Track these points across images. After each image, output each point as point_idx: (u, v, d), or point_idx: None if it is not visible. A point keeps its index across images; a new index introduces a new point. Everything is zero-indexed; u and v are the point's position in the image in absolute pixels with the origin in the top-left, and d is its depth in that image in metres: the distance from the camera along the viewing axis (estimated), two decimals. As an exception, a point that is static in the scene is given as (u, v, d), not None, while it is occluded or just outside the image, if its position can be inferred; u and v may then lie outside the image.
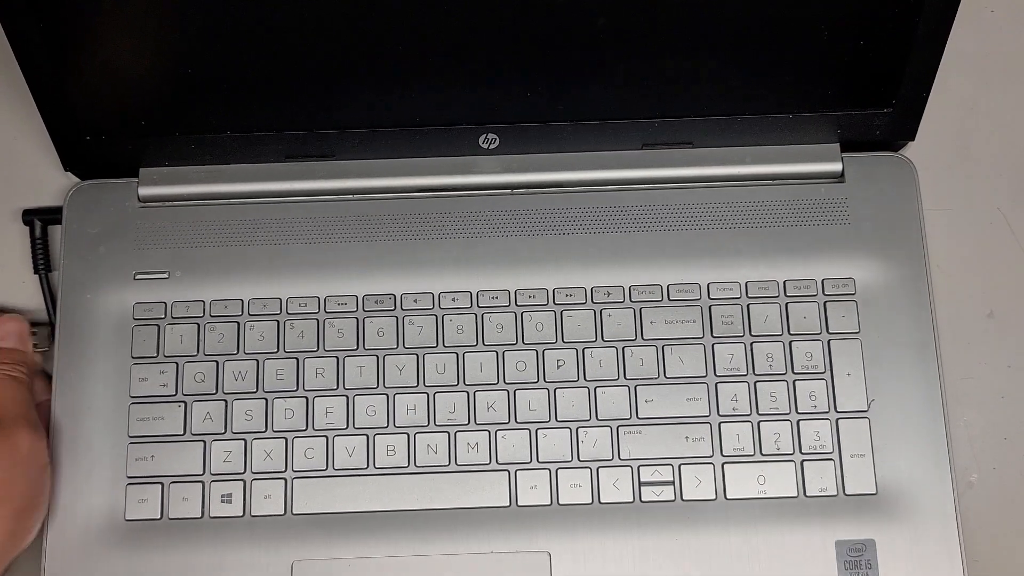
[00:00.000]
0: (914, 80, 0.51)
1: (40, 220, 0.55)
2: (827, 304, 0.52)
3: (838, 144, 0.54)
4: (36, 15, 0.47)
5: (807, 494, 0.50)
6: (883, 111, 0.52)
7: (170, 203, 0.54)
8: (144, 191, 0.54)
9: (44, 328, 0.54)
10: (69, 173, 0.54)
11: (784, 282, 0.52)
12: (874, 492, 0.50)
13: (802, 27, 0.49)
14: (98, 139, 0.52)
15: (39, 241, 0.54)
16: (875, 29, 0.49)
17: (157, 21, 0.48)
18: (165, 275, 0.53)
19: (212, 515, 0.50)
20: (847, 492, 0.50)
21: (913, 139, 0.53)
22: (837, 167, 0.54)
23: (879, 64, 0.50)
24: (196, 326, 0.52)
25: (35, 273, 0.54)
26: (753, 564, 0.49)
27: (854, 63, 0.50)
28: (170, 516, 0.50)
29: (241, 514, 0.50)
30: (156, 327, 0.52)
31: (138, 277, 0.53)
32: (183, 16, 0.48)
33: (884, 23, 0.49)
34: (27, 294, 0.55)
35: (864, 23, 0.49)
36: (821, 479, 0.50)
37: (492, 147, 0.53)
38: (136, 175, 0.54)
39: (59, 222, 0.54)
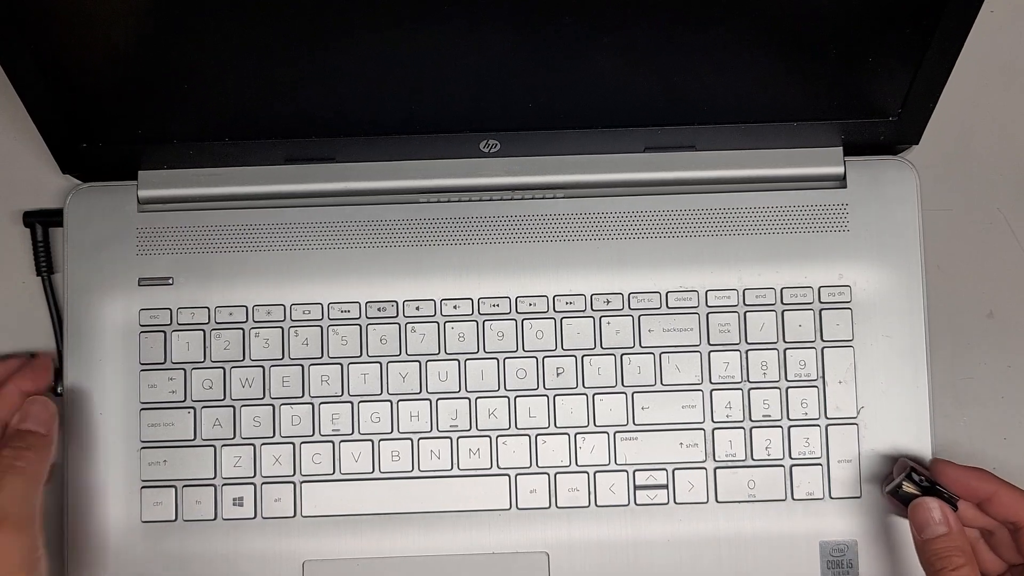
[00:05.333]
0: (922, 91, 0.53)
1: (41, 223, 0.58)
2: (823, 312, 0.56)
3: (841, 148, 0.57)
4: (27, 24, 0.49)
5: (794, 497, 0.55)
6: (889, 119, 0.55)
7: (170, 206, 0.57)
8: (143, 194, 0.57)
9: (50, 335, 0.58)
10: (69, 175, 0.56)
11: (781, 289, 0.56)
12: (859, 496, 0.55)
13: (811, 38, 0.51)
14: (94, 146, 0.54)
15: (41, 244, 0.57)
16: (885, 41, 0.51)
17: (151, 27, 0.50)
18: (169, 281, 0.56)
19: (225, 517, 0.55)
20: (833, 495, 0.55)
21: (917, 143, 0.56)
22: (839, 170, 0.57)
23: (888, 75, 0.52)
24: (202, 333, 0.56)
25: (38, 275, 0.58)
26: (741, 563, 0.55)
27: (862, 74, 0.52)
28: (185, 518, 0.55)
29: (253, 516, 0.55)
30: (162, 334, 0.56)
31: (142, 283, 0.56)
32: (178, 22, 0.49)
33: (895, 35, 0.51)
34: (29, 295, 0.58)
35: (874, 34, 0.51)
36: (808, 483, 0.55)
37: (493, 151, 0.56)
38: (135, 177, 0.57)
39: (60, 224, 0.57)
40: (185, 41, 0.50)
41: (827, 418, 0.55)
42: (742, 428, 0.55)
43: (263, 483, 0.55)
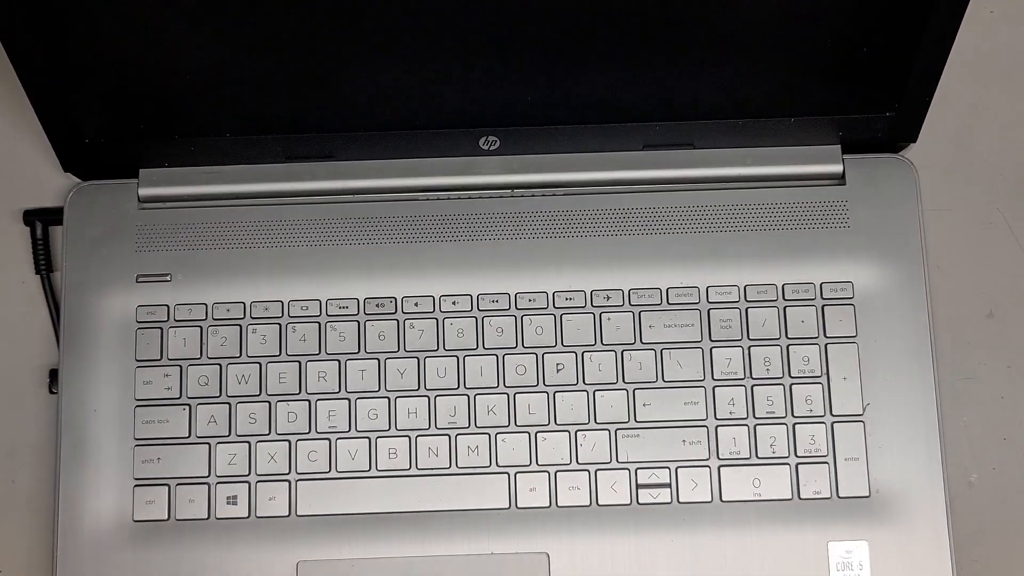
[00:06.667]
0: (918, 85, 0.53)
1: (41, 221, 0.58)
2: (825, 308, 0.55)
3: (839, 146, 0.57)
4: (31, 19, 0.49)
5: (801, 497, 0.54)
6: (886, 115, 0.55)
7: (170, 204, 0.57)
8: (144, 192, 0.57)
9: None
10: (69, 174, 0.56)
11: (783, 286, 0.56)
12: (867, 495, 0.54)
13: (807, 34, 0.51)
14: (96, 142, 0.55)
15: (40, 242, 0.57)
16: (880, 36, 0.52)
17: (153, 25, 0.50)
18: (167, 278, 0.56)
19: (218, 516, 0.54)
20: (840, 495, 0.54)
21: (915, 141, 0.56)
22: (838, 168, 0.57)
23: (883, 70, 0.53)
24: (199, 329, 0.55)
25: (36, 274, 0.58)
26: (747, 565, 0.53)
27: (858, 69, 0.53)
28: (177, 517, 0.54)
29: (247, 515, 0.54)
30: (159, 330, 0.55)
31: (140, 280, 0.56)
32: (179, 20, 0.50)
33: (889, 29, 0.51)
34: (28, 294, 0.58)
35: (869, 29, 0.51)
36: (815, 482, 0.54)
37: (492, 148, 0.56)
38: (136, 175, 0.57)
39: (60, 223, 0.57)
40: (187, 38, 0.51)
41: (832, 415, 0.54)
42: (746, 425, 0.54)
43: (258, 481, 0.54)
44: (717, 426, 0.54)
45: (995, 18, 0.59)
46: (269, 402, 0.55)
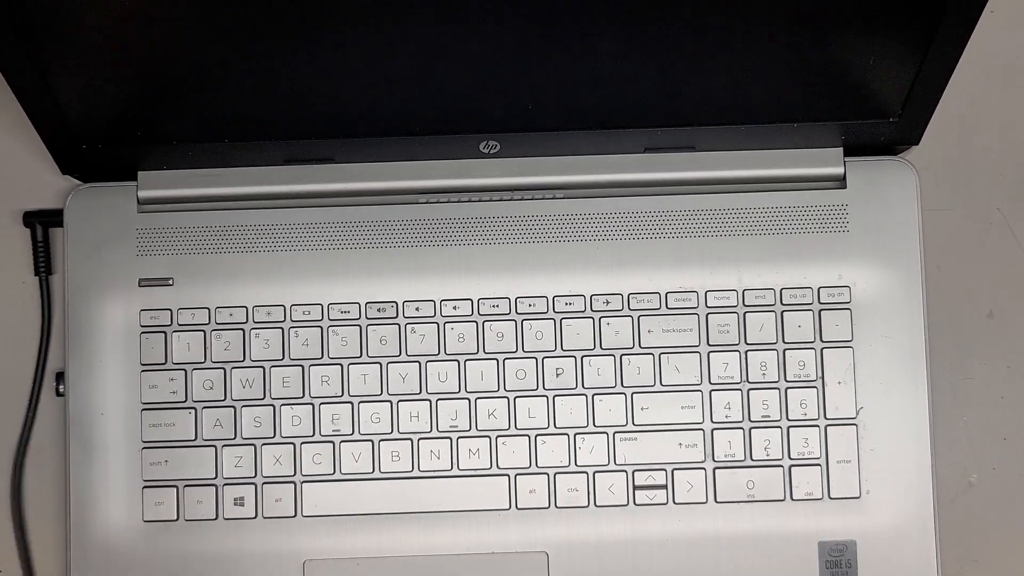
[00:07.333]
0: (923, 93, 0.53)
1: (41, 223, 0.58)
2: (822, 313, 0.56)
3: (841, 148, 0.56)
4: (25, 27, 0.49)
5: (793, 498, 0.55)
6: (889, 120, 0.54)
7: (170, 206, 0.57)
8: (143, 194, 0.57)
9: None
10: (68, 176, 0.56)
11: (781, 290, 0.56)
12: (858, 496, 0.55)
13: (814, 42, 0.51)
14: (94, 148, 0.54)
15: (41, 244, 0.57)
16: (887, 45, 0.51)
17: (150, 32, 0.49)
18: (169, 281, 0.56)
19: (226, 516, 0.55)
20: (832, 495, 0.55)
21: (917, 144, 0.56)
22: (839, 171, 0.57)
23: (889, 79, 0.52)
24: (202, 334, 0.56)
25: (36, 275, 0.58)
26: (739, 563, 0.55)
27: (864, 77, 0.52)
28: (186, 517, 0.55)
29: (254, 516, 0.55)
30: (163, 334, 0.56)
31: (142, 283, 0.56)
32: (177, 27, 0.49)
33: (897, 40, 0.50)
34: (27, 295, 0.58)
35: (877, 40, 0.50)
36: (807, 483, 0.55)
37: (492, 152, 0.56)
38: (135, 177, 0.57)
39: (60, 224, 0.57)
40: (184, 42, 0.50)
41: (826, 418, 0.55)
42: (741, 428, 0.55)
43: (264, 483, 0.55)
44: (713, 429, 0.56)
45: (995, 18, 0.58)
46: (273, 406, 0.56)
